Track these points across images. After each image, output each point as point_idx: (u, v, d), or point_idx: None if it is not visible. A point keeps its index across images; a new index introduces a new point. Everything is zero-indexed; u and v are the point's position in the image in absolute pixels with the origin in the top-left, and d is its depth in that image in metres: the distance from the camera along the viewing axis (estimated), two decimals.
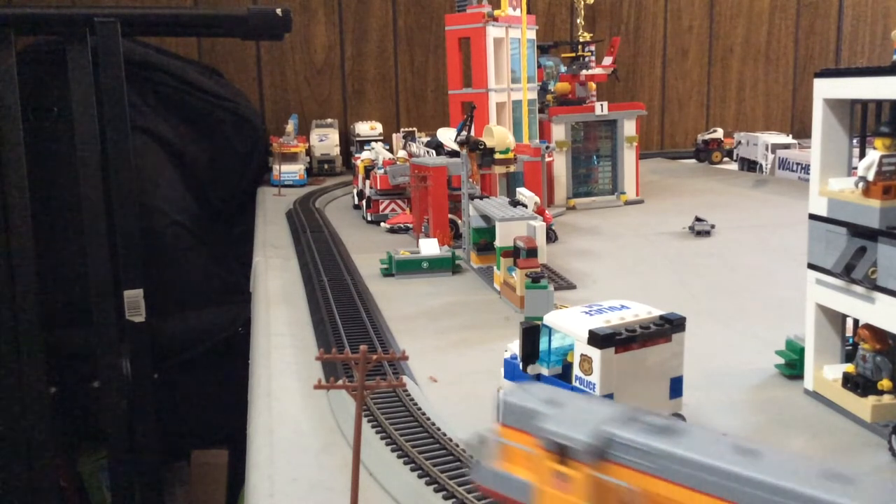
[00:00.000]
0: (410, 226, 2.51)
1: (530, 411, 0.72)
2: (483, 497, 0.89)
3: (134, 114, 3.05)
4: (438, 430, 1.03)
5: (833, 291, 1.14)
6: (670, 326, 0.98)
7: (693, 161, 4.34)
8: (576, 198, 3.00)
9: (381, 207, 2.70)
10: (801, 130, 4.56)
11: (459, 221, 2.24)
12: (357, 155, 3.13)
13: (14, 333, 2.74)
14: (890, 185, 1.03)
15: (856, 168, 1.10)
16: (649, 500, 0.66)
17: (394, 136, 3.80)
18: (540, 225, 1.73)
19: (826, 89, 1.14)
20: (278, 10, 3.13)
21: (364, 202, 2.80)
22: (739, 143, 4.13)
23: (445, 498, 0.91)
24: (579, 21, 3.16)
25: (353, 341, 1.41)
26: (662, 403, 1.00)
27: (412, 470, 0.97)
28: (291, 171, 3.55)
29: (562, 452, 0.69)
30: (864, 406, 1.09)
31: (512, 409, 0.74)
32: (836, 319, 1.19)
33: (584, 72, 3.07)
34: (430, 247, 2.04)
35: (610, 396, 0.94)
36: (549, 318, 1.02)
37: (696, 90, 4.79)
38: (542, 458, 0.70)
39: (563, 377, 0.99)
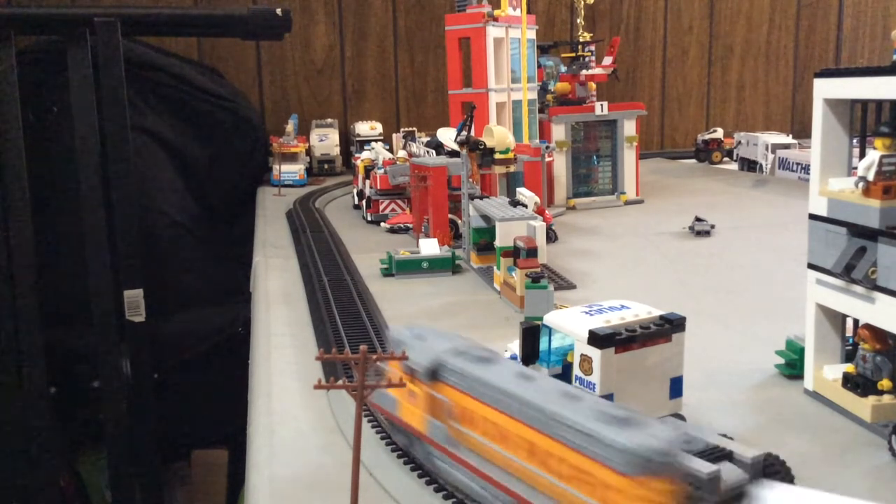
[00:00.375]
0: (410, 226, 2.51)
1: (401, 343, 0.95)
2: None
3: (134, 114, 3.05)
4: None
5: (833, 291, 1.14)
6: (670, 326, 0.98)
7: (693, 161, 4.34)
8: (576, 198, 3.00)
9: (381, 207, 2.70)
10: (801, 130, 4.56)
11: (459, 221, 2.24)
12: (357, 155, 3.13)
13: (14, 333, 2.74)
14: (890, 185, 1.03)
15: (856, 168, 1.10)
16: (462, 412, 0.87)
17: (394, 136, 3.79)
18: (540, 225, 1.73)
19: (826, 89, 1.14)
20: (278, 10, 3.13)
21: (364, 202, 2.81)
22: (739, 143, 4.13)
23: (445, 498, 0.91)
24: (579, 21, 3.16)
25: (353, 341, 1.41)
26: (662, 403, 1.00)
27: (412, 470, 0.97)
28: (291, 171, 3.55)
29: (412, 374, 0.92)
30: (864, 406, 1.09)
31: (392, 341, 0.99)
32: (836, 319, 1.19)
33: (584, 72, 3.07)
34: (430, 247, 2.04)
35: (610, 396, 0.94)
36: (549, 318, 1.02)
37: (696, 90, 4.79)
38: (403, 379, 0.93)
39: (564, 377, 0.99)
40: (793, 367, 1.28)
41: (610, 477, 0.69)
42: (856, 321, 1.18)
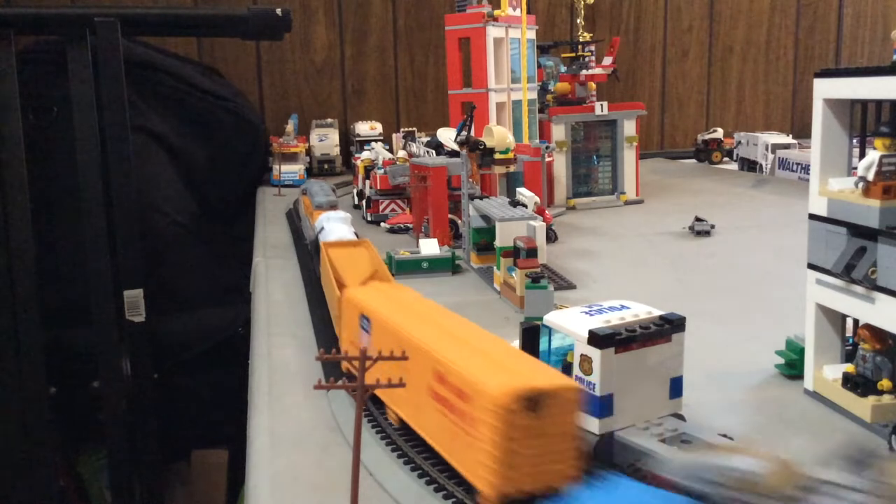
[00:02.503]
0: (410, 226, 2.51)
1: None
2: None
3: (134, 114, 3.05)
4: None
5: (833, 291, 1.14)
6: (670, 326, 0.98)
7: (693, 161, 4.34)
8: (576, 198, 3.00)
9: (381, 207, 2.70)
10: (801, 130, 4.56)
11: (459, 221, 2.24)
12: (357, 155, 3.13)
13: (14, 333, 2.74)
14: (890, 185, 1.03)
15: (856, 168, 1.10)
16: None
17: (394, 135, 3.80)
18: (540, 225, 1.73)
19: (826, 89, 1.14)
20: (278, 10, 3.13)
21: (364, 202, 2.80)
22: (739, 143, 4.13)
23: (445, 498, 0.91)
24: (579, 21, 3.16)
25: None
26: (662, 403, 1.00)
27: (412, 470, 0.97)
28: (291, 171, 3.55)
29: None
30: (864, 406, 1.09)
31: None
32: (836, 319, 1.19)
33: (584, 72, 3.07)
34: (430, 247, 2.04)
35: (610, 397, 0.94)
36: (549, 318, 1.02)
37: (696, 90, 4.79)
38: None
39: None
40: (793, 367, 1.28)
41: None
42: (856, 321, 1.18)
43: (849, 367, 1.14)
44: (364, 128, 3.92)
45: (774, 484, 0.66)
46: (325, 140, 3.87)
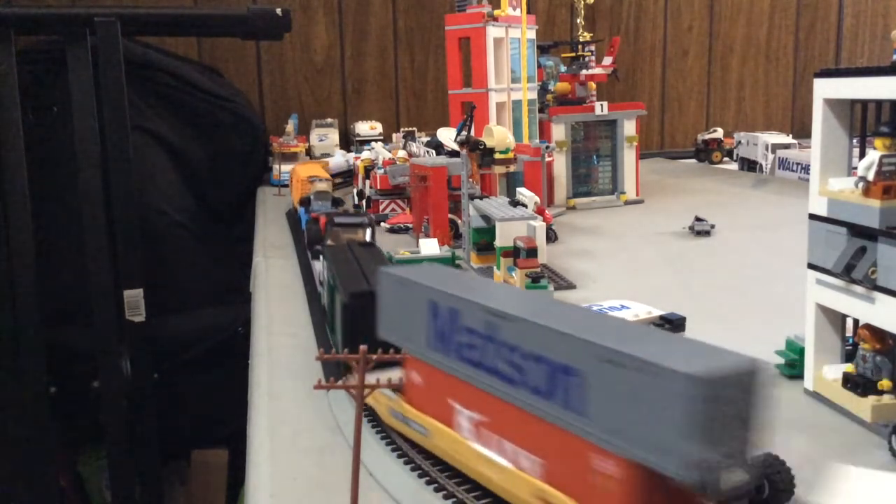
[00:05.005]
0: (410, 226, 2.51)
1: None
2: (484, 496, 0.89)
3: (134, 114, 3.05)
4: None
5: (833, 291, 1.14)
6: (670, 326, 0.98)
7: (693, 161, 4.34)
8: (576, 198, 3.00)
9: (381, 207, 2.70)
10: (801, 130, 4.56)
11: (459, 221, 2.24)
12: (357, 155, 3.13)
13: (14, 333, 2.74)
14: (890, 185, 1.03)
15: (856, 168, 1.10)
16: None
17: (394, 135, 3.79)
18: (540, 225, 1.73)
19: (826, 89, 1.14)
20: (278, 10, 3.13)
21: (364, 202, 2.80)
22: (739, 143, 4.13)
23: (445, 498, 0.91)
24: (579, 21, 3.16)
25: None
26: None
27: (412, 470, 0.97)
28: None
29: None
30: (864, 406, 1.09)
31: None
32: (836, 319, 1.19)
33: (584, 72, 3.07)
34: (430, 247, 2.04)
35: None
36: None
37: (696, 90, 4.79)
38: None
39: None
40: (793, 367, 1.28)
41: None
42: (856, 321, 1.18)
43: (849, 367, 1.14)
44: (364, 128, 3.92)
45: None
46: (325, 140, 3.87)
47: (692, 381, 0.64)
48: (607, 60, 3.14)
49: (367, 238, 1.69)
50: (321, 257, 1.61)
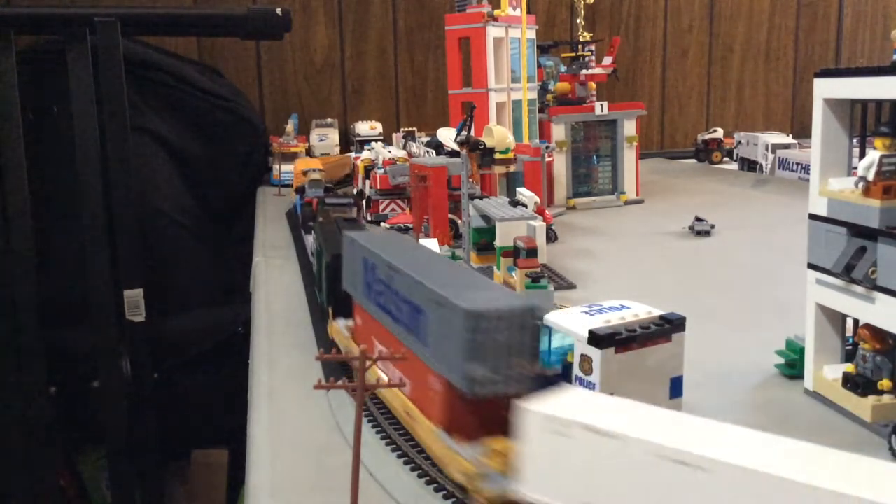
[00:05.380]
0: (410, 226, 2.51)
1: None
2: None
3: (134, 114, 3.05)
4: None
5: (833, 291, 1.14)
6: (670, 326, 0.98)
7: (693, 161, 4.34)
8: (576, 198, 3.00)
9: (381, 207, 2.70)
10: (801, 130, 4.56)
11: (459, 221, 2.24)
12: (357, 155, 3.13)
13: (14, 333, 2.74)
14: (890, 185, 1.03)
15: (856, 168, 1.10)
16: None
17: (394, 135, 3.79)
18: (540, 225, 1.73)
19: (826, 89, 1.14)
20: (278, 10, 3.13)
21: (364, 202, 2.80)
22: (739, 143, 4.13)
23: (445, 498, 0.91)
24: (579, 21, 3.16)
25: None
26: (662, 403, 0.99)
27: (412, 470, 0.97)
28: (291, 171, 3.55)
29: None
30: (864, 406, 1.09)
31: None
32: (836, 319, 1.19)
33: (584, 72, 3.07)
34: (430, 247, 2.03)
35: None
36: (549, 318, 1.02)
37: (696, 90, 4.79)
38: None
39: (564, 377, 0.99)
40: (793, 367, 1.28)
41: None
42: (856, 321, 1.18)
43: (849, 367, 1.14)
44: (364, 128, 3.92)
45: None
46: (325, 140, 3.87)
47: (467, 315, 0.82)
48: (607, 60, 3.14)
49: (353, 215, 1.98)
50: (312, 231, 1.85)
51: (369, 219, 2.72)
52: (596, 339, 0.93)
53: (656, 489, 0.65)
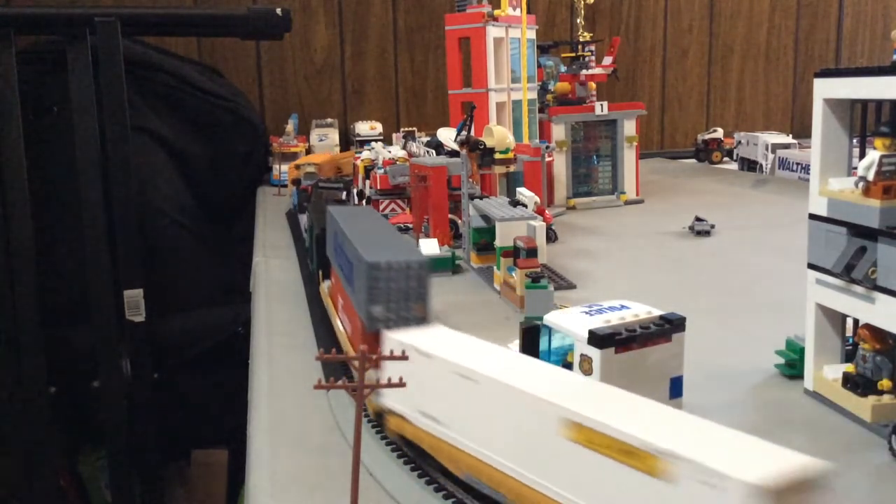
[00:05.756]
0: (410, 226, 2.51)
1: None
2: (482, 497, 0.89)
3: (134, 114, 3.05)
4: None
5: (833, 291, 1.14)
6: (670, 326, 0.98)
7: (693, 161, 4.34)
8: (576, 198, 3.00)
9: (381, 207, 2.69)
10: (801, 130, 4.56)
11: (459, 221, 2.24)
12: (357, 155, 3.13)
13: (14, 333, 2.74)
14: (890, 185, 1.03)
15: (856, 168, 1.10)
16: None
17: (394, 135, 3.79)
18: (540, 225, 1.73)
19: (826, 89, 1.14)
20: (278, 10, 3.13)
21: (364, 202, 2.80)
22: (739, 143, 4.13)
23: (445, 498, 0.91)
24: (579, 21, 3.16)
25: None
26: (662, 403, 0.99)
27: (412, 470, 0.97)
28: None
29: None
30: (864, 406, 1.09)
31: None
32: (836, 319, 1.19)
33: (584, 72, 3.07)
34: (430, 247, 2.04)
35: None
36: (549, 318, 1.02)
37: (696, 90, 4.79)
38: None
39: None
40: (793, 367, 1.28)
41: None
42: (856, 321, 1.18)
43: (849, 367, 1.14)
44: (364, 128, 3.92)
45: None
46: (325, 140, 3.87)
47: (369, 266, 1.04)
48: (607, 60, 3.14)
49: (343, 197, 2.31)
50: (307, 211, 2.11)
51: None
52: (596, 339, 0.93)
53: (452, 396, 0.88)
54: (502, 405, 0.81)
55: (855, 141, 1.17)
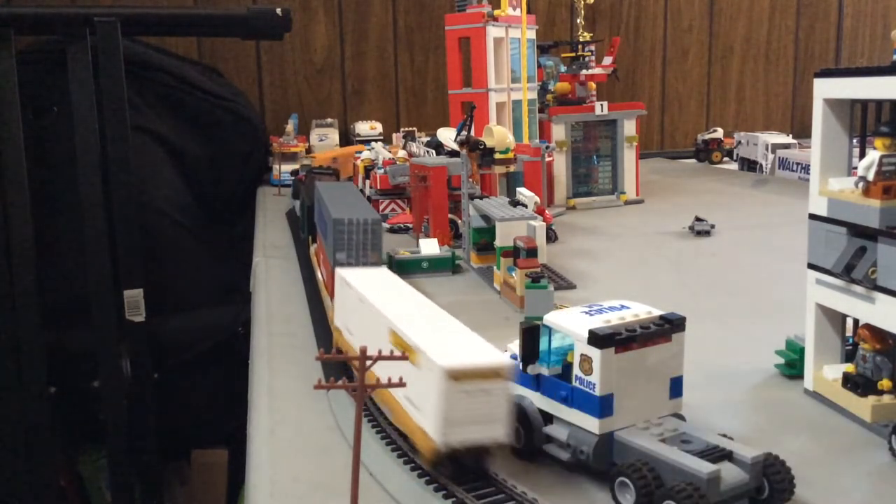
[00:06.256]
0: (410, 226, 2.51)
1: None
2: (483, 497, 0.89)
3: (134, 114, 3.05)
4: None
5: (833, 291, 1.14)
6: (670, 326, 0.98)
7: (693, 161, 4.34)
8: (576, 198, 3.00)
9: (381, 207, 2.70)
10: (801, 130, 4.56)
11: (459, 221, 2.24)
12: (357, 155, 3.13)
13: (14, 333, 2.74)
14: (890, 185, 1.03)
15: (856, 168, 1.10)
16: None
17: (394, 135, 3.79)
18: (540, 225, 1.73)
19: (826, 89, 1.14)
20: (278, 10, 3.13)
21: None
22: (739, 143, 4.13)
23: (445, 497, 0.91)
24: (579, 21, 3.16)
25: None
26: (662, 403, 1.00)
27: (412, 470, 0.98)
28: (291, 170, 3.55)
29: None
30: (864, 406, 1.09)
31: None
32: (836, 319, 1.19)
33: (584, 72, 3.07)
34: (430, 247, 2.04)
35: (610, 396, 0.94)
36: (549, 318, 1.02)
37: (696, 90, 4.79)
38: None
39: (563, 377, 0.99)
40: (793, 367, 1.28)
41: None
42: (856, 321, 1.18)
43: (849, 367, 1.14)
44: (364, 128, 3.92)
45: None
46: (325, 140, 3.87)
47: (335, 222, 1.37)
48: (607, 60, 3.14)
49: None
50: (300, 194, 2.36)
51: None
52: (596, 339, 0.93)
53: (356, 313, 1.21)
54: (370, 318, 1.12)
55: (855, 141, 1.17)
